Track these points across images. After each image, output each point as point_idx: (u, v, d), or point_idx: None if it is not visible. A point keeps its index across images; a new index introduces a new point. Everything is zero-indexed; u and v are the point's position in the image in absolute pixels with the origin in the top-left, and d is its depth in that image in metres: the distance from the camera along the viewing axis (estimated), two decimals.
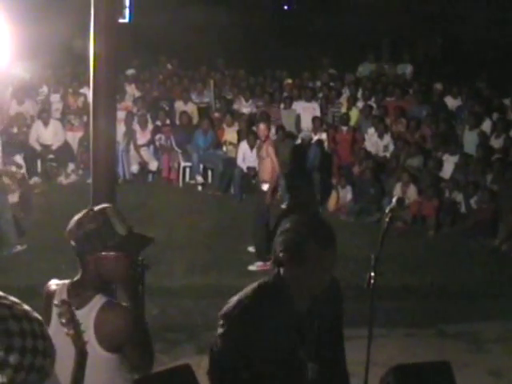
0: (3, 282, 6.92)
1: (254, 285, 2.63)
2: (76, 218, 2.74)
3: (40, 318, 1.38)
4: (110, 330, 2.58)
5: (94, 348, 2.57)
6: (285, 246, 2.54)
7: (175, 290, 7.75)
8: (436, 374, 2.86)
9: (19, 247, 8.80)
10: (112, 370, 2.62)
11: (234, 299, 2.62)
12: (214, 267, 8.56)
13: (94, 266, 2.67)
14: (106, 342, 2.58)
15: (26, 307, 1.37)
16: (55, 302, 2.61)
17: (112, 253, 2.66)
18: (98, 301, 2.64)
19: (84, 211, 2.75)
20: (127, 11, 5.71)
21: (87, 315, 2.61)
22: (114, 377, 2.62)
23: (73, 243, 2.70)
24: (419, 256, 9.41)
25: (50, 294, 2.78)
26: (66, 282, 2.79)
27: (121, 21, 5.23)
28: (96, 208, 2.74)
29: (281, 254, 2.54)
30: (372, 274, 3.74)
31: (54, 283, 2.85)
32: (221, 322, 2.62)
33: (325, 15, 17.44)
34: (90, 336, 2.57)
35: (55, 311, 2.66)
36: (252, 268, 8.64)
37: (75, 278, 2.75)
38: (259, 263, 8.72)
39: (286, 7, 20.71)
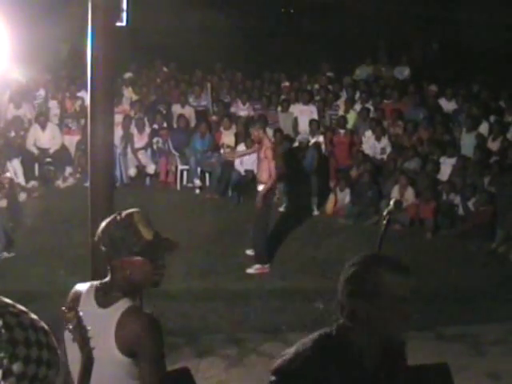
0: (1, 286, 6.91)
1: (315, 335, 2.27)
2: (103, 223, 2.74)
3: (46, 327, 1.38)
4: (129, 334, 2.57)
5: (110, 348, 2.57)
6: (353, 283, 2.21)
7: (174, 293, 7.75)
8: (435, 376, 2.86)
9: (6, 254, 8.74)
10: (124, 372, 2.60)
11: (291, 352, 2.24)
12: (213, 270, 8.56)
13: (120, 271, 2.68)
14: (122, 344, 2.57)
15: (33, 316, 1.36)
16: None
17: (137, 258, 2.66)
18: (124, 304, 2.64)
19: (111, 216, 2.74)
20: (125, 14, 5.68)
21: (111, 315, 2.61)
22: (124, 379, 2.60)
23: (102, 248, 2.70)
24: (417, 258, 9.41)
25: (77, 295, 2.78)
26: (95, 282, 2.79)
27: (118, 24, 5.23)
28: (123, 213, 2.73)
29: (349, 294, 2.21)
30: None
31: (80, 285, 2.84)
32: (273, 379, 2.24)
33: (322, 18, 17.45)
34: (109, 336, 2.57)
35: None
36: (250, 271, 8.65)
37: (105, 279, 2.75)
38: (257, 266, 8.72)
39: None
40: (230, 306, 7.57)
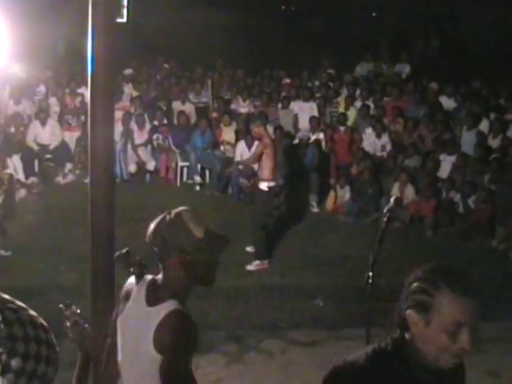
0: (0, 282, 6.91)
1: (368, 349, 2.18)
2: (153, 223, 2.69)
3: (45, 324, 1.37)
4: (166, 334, 2.55)
5: (147, 345, 2.56)
6: (413, 294, 2.12)
7: None
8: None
9: (3, 252, 8.73)
10: (155, 369, 2.58)
11: (341, 363, 2.16)
12: None
13: (173, 271, 2.64)
14: (159, 342, 2.56)
15: (32, 313, 1.36)
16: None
17: (190, 257, 2.62)
18: (170, 305, 2.61)
19: (161, 216, 2.70)
20: (125, 11, 5.67)
21: (155, 314, 2.59)
22: (156, 375, 2.58)
23: (154, 249, 2.65)
24: (417, 256, 9.40)
25: (130, 289, 2.76)
26: (148, 277, 2.75)
27: (119, 20, 5.23)
28: (172, 212, 2.69)
29: (407, 311, 2.10)
30: (370, 273, 3.75)
31: (132, 280, 2.81)
32: None
33: (323, 15, 17.45)
34: (149, 334, 2.56)
35: (127, 305, 2.69)
36: (250, 268, 8.65)
37: (157, 276, 2.71)
38: (257, 262, 8.73)
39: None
40: (230, 303, 7.57)
